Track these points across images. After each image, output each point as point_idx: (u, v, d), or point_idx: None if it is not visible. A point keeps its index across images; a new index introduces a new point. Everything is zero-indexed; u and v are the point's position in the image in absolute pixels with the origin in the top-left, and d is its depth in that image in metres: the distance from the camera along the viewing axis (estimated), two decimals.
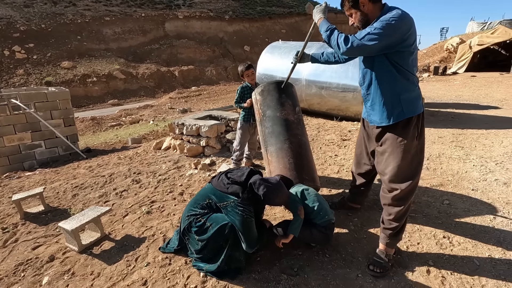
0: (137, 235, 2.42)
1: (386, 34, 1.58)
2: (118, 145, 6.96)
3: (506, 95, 8.31)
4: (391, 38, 1.61)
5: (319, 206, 2.01)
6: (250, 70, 3.19)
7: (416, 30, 1.69)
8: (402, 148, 1.79)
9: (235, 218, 1.85)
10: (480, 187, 2.93)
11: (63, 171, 4.43)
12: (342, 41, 1.68)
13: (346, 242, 2.18)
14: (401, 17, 1.59)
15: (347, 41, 1.66)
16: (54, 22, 25.75)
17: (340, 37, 1.70)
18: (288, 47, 7.18)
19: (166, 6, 33.46)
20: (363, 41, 1.62)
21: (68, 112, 5.91)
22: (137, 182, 3.52)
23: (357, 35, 1.66)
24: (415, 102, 1.78)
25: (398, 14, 1.60)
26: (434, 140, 4.44)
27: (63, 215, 2.83)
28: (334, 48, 1.78)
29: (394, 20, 1.58)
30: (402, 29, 1.61)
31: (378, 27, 1.59)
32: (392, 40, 1.62)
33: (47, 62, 22.40)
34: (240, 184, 1.94)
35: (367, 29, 1.65)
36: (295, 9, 40.08)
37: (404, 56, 1.70)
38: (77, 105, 19.14)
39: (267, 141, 2.55)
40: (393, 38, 1.61)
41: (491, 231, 2.25)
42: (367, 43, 1.62)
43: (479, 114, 6.12)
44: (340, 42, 1.69)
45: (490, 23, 22.36)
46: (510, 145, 4.06)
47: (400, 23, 1.59)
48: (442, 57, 18.89)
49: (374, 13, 1.73)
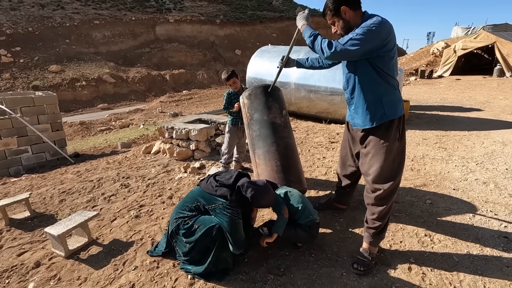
0: (125, 239, 2.42)
1: (367, 39, 1.65)
2: (108, 150, 6.90)
3: (488, 97, 8.60)
4: (372, 43, 1.68)
5: (303, 207, 2.06)
6: (231, 79, 3.23)
7: (395, 35, 1.77)
8: (384, 149, 1.86)
9: (224, 220, 1.89)
10: (461, 187, 3.03)
11: (50, 176, 4.37)
12: (326, 46, 1.73)
13: (331, 242, 2.23)
14: (381, 23, 1.67)
15: (330, 46, 1.72)
16: (42, 25, 25.36)
17: (324, 42, 1.76)
18: (277, 51, 7.27)
19: (157, 10, 33.39)
20: (346, 46, 1.68)
21: (56, 116, 5.83)
22: (126, 186, 3.51)
23: (340, 41, 1.72)
24: (397, 105, 1.86)
25: (378, 20, 1.68)
26: (418, 142, 4.56)
27: (50, 221, 2.80)
28: (318, 53, 1.83)
29: (374, 26, 1.66)
30: (382, 34, 1.68)
31: (360, 32, 1.66)
32: (373, 45, 1.68)
33: (35, 66, 22.01)
34: (228, 187, 1.98)
35: (349, 34, 1.71)
36: (285, 14, 40.51)
37: (385, 60, 1.77)
38: (66, 109, 18.84)
39: (255, 144, 2.60)
40: (374, 43, 1.68)
41: (470, 229, 2.33)
42: (350, 48, 1.68)
43: (463, 116, 6.32)
44: (324, 47, 1.74)
45: (473, 28, 23.08)
46: (490, 146, 4.22)
47: (381, 29, 1.67)
48: (428, 60, 19.37)
49: (355, 20, 1.80)
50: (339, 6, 1.78)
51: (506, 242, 2.15)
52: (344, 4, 1.77)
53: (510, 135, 4.73)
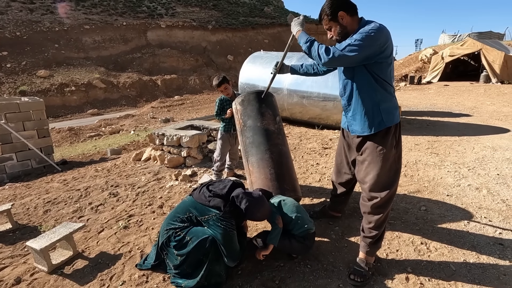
0: (112, 251, 2.32)
1: (365, 45, 1.63)
2: (97, 157, 6.73)
3: (476, 103, 8.77)
4: (371, 49, 1.66)
5: (297, 216, 2.00)
6: (222, 85, 3.18)
7: (392, 42, 1.76)
8: (381, 157, 1.83)
9: (217, 232, 1.81)
10: (455, 193, 3.03)
11: (35, 185, 4.21)
12: (323, 52, 1.70)
13: (327, 252, 2.18)
14: (380, 29, 1.66)
15: (328, 52, 1.69)
16: (30, 29, 24.94)
17: (321, 48, 1.72)
18: (269, 57, 7.28)
19: (148, 15, 33.29)
20: (344, 52, 1.66)
21: (43, 123, 5.67)
22: (114, 195, 3.39)
23: (338, 46, 1.69)
24: (394, 112, 1.84)
25: (376, 26, 1.67)
26: (411, 147, 4.58)
27: (33, 233, 2.67)
28: (314, 59, 1.80)
29: (373, 32, 1.64)
30: (380, 41, 1.66)
31: (358, 38, 1.64)
32: (371, 51, 1.66)
33: (22, 71, 21.55)
34: (222, 197, 1.91)
35: (347, 40, 1.69)
36: (277, 20, 40.94)
37: (382, 67, 1.76)
38: (54, 115, 18.44)
39: (248, 151, 2.54)
40: (372, 49, 1.66)
41: (465, 236, 2.31)
42: (348, 54, 1.65)
43: (452, 122, 6.41)
44: (321, 52, 1.71)
45: (460, 36, 23.77)
46: (481, 151, 4.26)
47: (379, 35, 1.65)
48: (417, 67, 19.76)
49: (352, 26, 1.78)
50: (336, 11, 1.75)
51: (501, 250, 2.14)
52: (342, 9, 1.75)
53: (499, 140, 4.80)
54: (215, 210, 1.86)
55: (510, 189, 3.05)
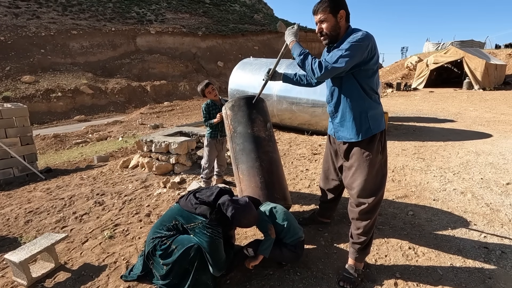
0: (97, 263, 2.24)
1: (355, 54, 1.66)
2: (83, 164, 6.56)
3: (460, 109, 9.04)
4: (360, 57, 1.69)
5: (288, 224, 1.99)
6: (209, 87, 3.18)
7: (378, 49, 1.79)
8: (368, 162, 1.85)
9: (203, 240, 1.78)
10: (441, 197, 3.08)
11: (16, 194, 4.06)
12: (317, 67, 1.72)
13: (316, 258, 2.17)
14: (368, 38, 1.69)
15: (321, 67, 1.70)
16: (15, 34, 24.38)
17: (314, 63, 1.73)
18: (259, 63, 7.33)
19: (138, 21, 33.10)
20: (336, 65, 1.67)
21: (26, 130, 5.50)
22: (100, 204, 3.30)
23: (329, 59, 1.70)
24: (380, 119, 1.87)
25: (364, 35, 1.69)
26: (398, 153, 4.66)
27: (13, 245, 2.56)
28: (308, 73, 1.81)
29: (362, 40, 1.67)
30: (368, 48, 1.70)
31: (347, 48, 1.66)
32: (360, 59, 1.69)
33: (6, 76, 20.97)
34: (209, 205, 1.88)
35: (337, 52, 1.69)
36: (267, 27, 41.38)
37: (368, 74, 1.79)
38: (39, 121, 17.95)
39: (238, 158, 2.51)
40: (361, 57, 1.69)
41: (451, 240, 2.35)
42: (340, 66, 1.67)
43: (438, 127, 6.57)
44: (314, 68, 1.73)
45: (443, 44, 24.55)
46: (465, 156, 4.37)
47: (368, 42, 1.69)
48: (403, 74, 20.27)
49: (343, 30, 1.81)
50: (339, 8, 1.75)
51: (486, 253, 2.17)
52: (344, 8, 1.77)
53: (482, 145, 4.94)
54: (201, 218, 1.83)
55: (493, 193, 3.13)
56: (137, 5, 36.38)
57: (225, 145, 3.43)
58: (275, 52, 37.66)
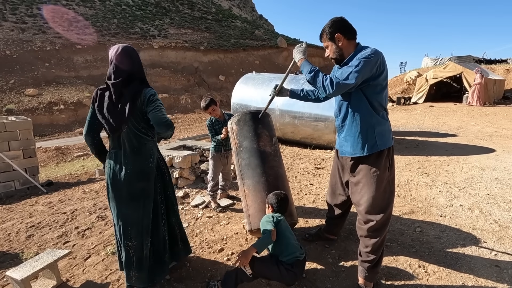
0: (99, 280, 2.19)
1: (364, 70, 1.70)
2: (84, 177, 6.53)
3: (461, 123, 9.07)
4: (369, 73, 1.73)
5: (286, 241, 1.94)
6: (211, 107, 3.14)
7: (387, 66, 1.83)
8: (375, 178, 1.84)
9: None
10: (448, 213, 3.05)
11: (18, 208, 4.02)
12: (328, 84, 1.75)
13: (324, 277, 2.12)
14: (377, 54, 1.74)
15: (332, 84, 1.74)
16: (21, 48, 24.86)
17: (326, 80, 1.77)
18: (261, 78, 7.42)
19: (141, 36, 33.80)
20: (347, 81, 1.72)
21: (29, 143, 5.51)
22: (102, 218, 3.26)
23: (339, 76, 1.74)
24: (387, 136, 1.88)
25: (373, 51, 1.74)
26: (402, 167, 4.64)
27: (14, 261, 2.51)
28: (319, 90, 1.85)
29: (371, 56, 1.72)
30: (377, 64, 1.74)
31: (356, 64, 1.71)
32: (369, 74, 1.74)
33: (10, 89, 21.21)
34: None
35: (347, 69, 1.74)
36: (267, 42, 42.19)
37: (377, 90, 1.81)
38: (41, 134, 18.02)
39: (244, 173, 2.48)
40: (370, 73, 1.73)
41: (462, 258, 2.30)
42: (350, 82, 1.71)
43: (440, 142, 6.57)
44: (326, 85, 1.76)
45: (441, 59, 24.92)
46: (470, 171, 4.35)
47: (376, 59, 1.73)
48: (403, 88, 20.49)
49: (348, 50, 1.86)
50: (334, 32, 1.85)
51: (498, 272, 2.12)
52: (339, 32, 1.83)
53: (486, 160, 4.92)
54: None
55: (501, 209, 3.09)
56: (141, 21, 37.27)
57: (230, 159, 3.42)
58: (276, 67, 38.25)
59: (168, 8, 44.27)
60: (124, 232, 1.88)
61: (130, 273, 1.92)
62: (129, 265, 1.91)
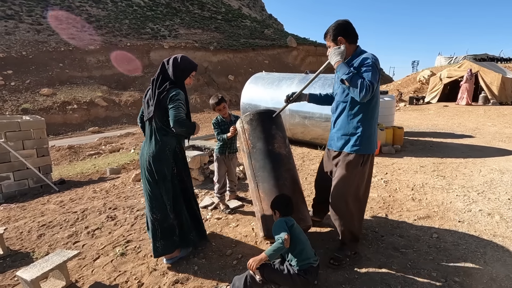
0: (108, 282, 2.18)
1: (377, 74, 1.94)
2: (95, 176, 6.61)
3: (477, 124, 8.77)
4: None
5: (301, 247, 1.87)
6: (222, 104, 3.06)
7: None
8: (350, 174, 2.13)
9: None
10: (466, 219, 2.92)
11: (30, 206, 4.08)
12: (367, 86, 1.82)
13: (337, 284, 2.04)
14: (377, 59, 1.99)
15: (368, 87, 1.83)
16: (36, 49, 25.50)
17: (363, 82, 1.84)
18: (271, 78, 7.35)
19: (152, 36, 34.20)
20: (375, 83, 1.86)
21: (42, 142, 5.60)
22: (112, 218, 3.27)
23: (372, 79, 1.86)
24: (373, 142, 2.15)
25: (375, 57, 1.97)
26: (416, 170, 4.50)
27: (25, 260, 2.53)
28: (354, 91, 1.89)
29: (378, 62, 1.97)
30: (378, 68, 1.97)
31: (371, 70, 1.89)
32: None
33: (26, 89, 21.80)
34: None
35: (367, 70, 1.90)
36: (277, 42, 42.05)
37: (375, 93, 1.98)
38: (55, 132, 18.46)
39: (259, 176, 2.38)
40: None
41: (482, 267, 2.18)
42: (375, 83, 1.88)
43: (456, 143, 6.36)
44: (368, 86, 1.82)
45: (456, 58, 24.28)
46: (488, 174, 4.17)
47: (378, 64, 1.98)
48: (415, 88, 20.02)
49: (349, 52, 2.08)
50: (337, 35, 2.07)
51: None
52: (342, 35, 2.05)
53: (506, 162, 4.72)
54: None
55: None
56: (151, 21, 37.71)
57: (235, 161, 3.36)
58: (285, 66, 38.05)
59: (179, 9, 44.67)
60: (150, 205, 2.23)
61: (156, 243, 2.21)
62: (155, 235, 2.21)
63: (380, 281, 2.04)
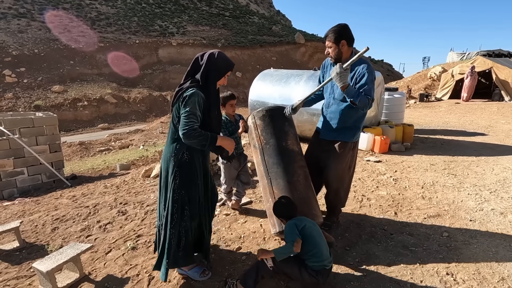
0: (120, 275, 2.23)
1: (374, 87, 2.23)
2: (106, 172, 6.74)
3: (490, 122, 8.58)
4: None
5: (316, 250, 1.85)
6: (232, 100, 2.95)
7: None
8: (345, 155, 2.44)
9: None
10: (478, 218, 2.87)
11: (44, 200, 4.19)
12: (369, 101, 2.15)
13: (345, 281, 2.04)
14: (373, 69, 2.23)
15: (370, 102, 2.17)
16: (48, 47, 25.97)
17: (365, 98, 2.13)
18: (279, 74, 7.32)
19: (160, 33, 34.40)
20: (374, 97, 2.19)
21: (55, 138, 5.73)
22: (123, 213, 3.33)
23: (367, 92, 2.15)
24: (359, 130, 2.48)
25: (370, 67, 2.19)
26: (426, 168, 4.44)
27: (40, 252, 2.61)
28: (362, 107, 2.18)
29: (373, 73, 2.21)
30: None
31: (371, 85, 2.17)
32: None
33: (38, 86, 22.27)
34: None
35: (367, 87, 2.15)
36: (285, 38, 41.77)
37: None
38: (66, 129, 18.83)
39: (273, 172, 2.36)
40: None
41: (494, 266, 2.16)
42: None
43: (467, 141, 6.24)
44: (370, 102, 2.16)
45: (468, 54, 23.68)
46: (501, 173, 4.09)
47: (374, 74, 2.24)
48: (426, 84, 19.65)
49: (346, 54, 2.26)
50: (341, 38, 2.21)
51: None
52: (345, 39, 2.21)
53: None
54: None
55: None
56: (160, 19, 37.94)
57: (243, 159, 3.13)
58: (293, 63, 37.79)
59: (187, 6, 44.77)
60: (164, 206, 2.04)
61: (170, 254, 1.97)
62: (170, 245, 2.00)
63: (389, 279, 2.04)
